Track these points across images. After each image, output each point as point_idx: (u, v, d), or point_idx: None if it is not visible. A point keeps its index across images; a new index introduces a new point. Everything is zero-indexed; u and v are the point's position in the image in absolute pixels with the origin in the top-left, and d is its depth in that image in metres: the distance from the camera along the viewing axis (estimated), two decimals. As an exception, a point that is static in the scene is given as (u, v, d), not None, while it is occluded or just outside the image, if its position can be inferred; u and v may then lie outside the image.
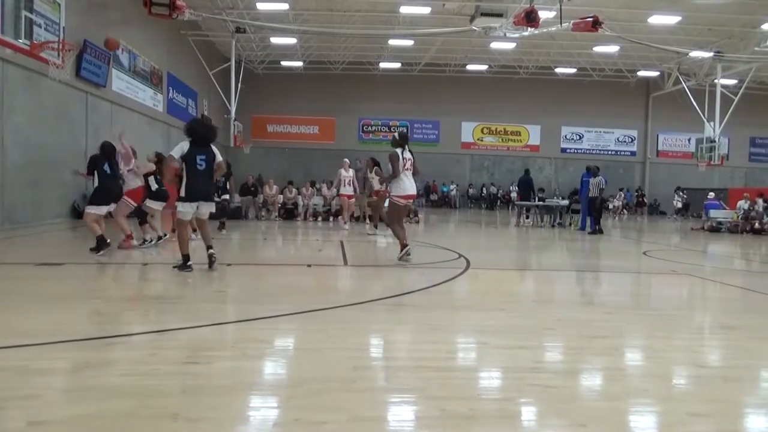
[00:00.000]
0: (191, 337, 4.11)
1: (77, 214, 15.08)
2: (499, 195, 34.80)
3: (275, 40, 28.43)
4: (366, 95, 34.72)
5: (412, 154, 8.31)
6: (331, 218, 17.86)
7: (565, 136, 36.59)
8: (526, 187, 19.15)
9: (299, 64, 32.87)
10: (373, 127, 35.69)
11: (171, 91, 23.84)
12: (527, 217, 19.57)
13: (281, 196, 18.62)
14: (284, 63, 32.93)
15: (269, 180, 19.09)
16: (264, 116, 34.56)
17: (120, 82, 18.28)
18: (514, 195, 30.43)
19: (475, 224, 19.69)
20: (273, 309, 5.02)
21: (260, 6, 22.95)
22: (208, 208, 7.15)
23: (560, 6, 17.32)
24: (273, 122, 35.09)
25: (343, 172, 15.17)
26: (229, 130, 25.16)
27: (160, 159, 9.22)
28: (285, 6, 23.07)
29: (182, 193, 6.99)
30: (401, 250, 8.04)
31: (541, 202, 18.96)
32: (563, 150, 36.57)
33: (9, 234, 10.12)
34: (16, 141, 12.44)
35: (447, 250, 10.10)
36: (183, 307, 5.14)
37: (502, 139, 36.35)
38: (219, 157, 7.15)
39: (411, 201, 8.44)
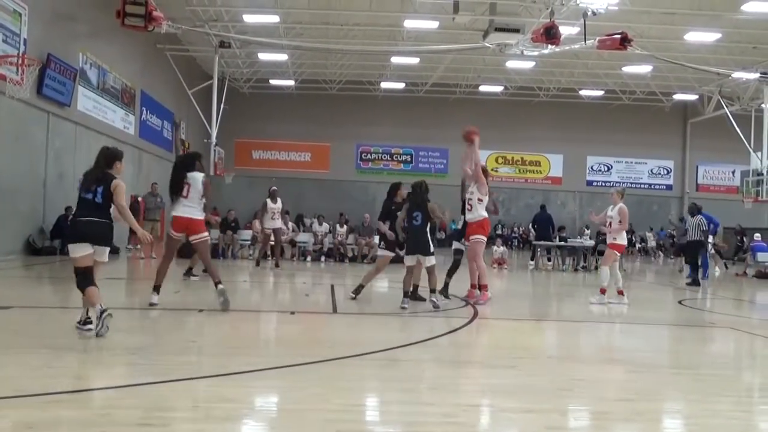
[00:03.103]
0: (151, 395, 4.09)
1: (32, 250, 15.13)
2: (516, 233, 34.84)
3: (263, 56, 28.92)
4: (365, 119, 35.09)
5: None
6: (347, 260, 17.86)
7: (592, 167, 36.84)
8: (545, 224, 19.20)
9: (290, 83, 33.35)
10: (373, 155, 35.97)
11: (144, 111, 24.17)
12: (549, 260, 19.55)
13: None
14: (273, 81, 33.43)
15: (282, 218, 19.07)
16: (249, 141, 34.89)
17: (86, 101, 18.55)
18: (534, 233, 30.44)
19: (486, 267, 19.66)
20: (247, 363, 5.00)
21: (247, 18, 23.44)
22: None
23: (584, 21, 17.67)
24: (259, 148, 35.40)
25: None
26: (209, 157, 25.37)
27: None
28: (275, 18, 23.56)
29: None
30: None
31: (563, 243, 18.97)
32: (589, 183, 36.75)
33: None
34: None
35: (452, 296, 10.07)
36: (145, 360, 5.12)
37: (520, 170, 36.59)
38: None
39: None
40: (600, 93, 33.84)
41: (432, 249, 8.65)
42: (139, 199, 17.70)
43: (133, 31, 16.63)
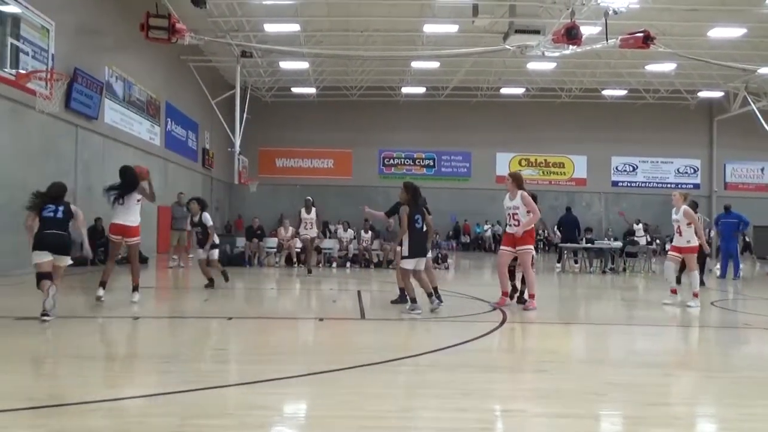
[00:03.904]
0: (184, 403, 4.12)
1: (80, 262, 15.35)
2: (541, 236, 34.54)
3: (285, 64, 29.15)
4: (387, 124, 35.17)
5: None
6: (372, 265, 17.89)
7: (617, 168, 36.46)
8: (571, 226, 19.03)
9: (312, 90, 33.55)
10: (396, 160, 36.02)
11: (169, 122, 24.48)
12: (575, 262, 19.37)
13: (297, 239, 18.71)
14: (295, 90, 33.66)
15: (285, 221, 19.20)
16: (272, 149, 35.18)
17: (113, 114, 18.85)
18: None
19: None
20: (277, 370, 5.02)
21: (268, 28, 23.65)
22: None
23: (606, 20, 17.53)
24: (282, 156, 35.66)
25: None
26: (233, 166, 25.62)
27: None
28: (296, 27, 23.73)
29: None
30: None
31: (589, 245, 18.77)
32: (614, 183, 36.37)
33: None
34: (-2, 180, 12.82)
35: (480, 300, 10.02)
36: (177, 367, 5.17)
37: (544, 172, 36.35)
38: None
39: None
40: (623, 92, 33.53)
41: None
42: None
43: (157, 43, 16.92)
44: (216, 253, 11.95)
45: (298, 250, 18.06)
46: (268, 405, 4.16)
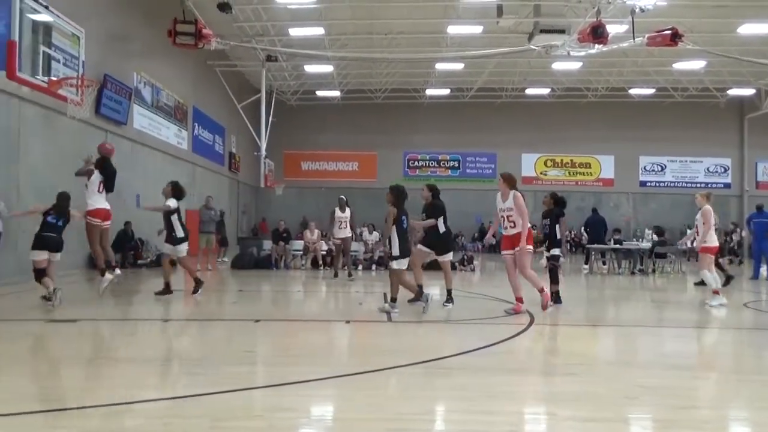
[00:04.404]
0: (214, 405, 4.16)
1: (93, 264, 15.60)
2: (568, 237, 34.23)
3: (309, 68, 29.33)
4: (411, 126, 35.17)
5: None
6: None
7: (645, 168, 35.97)
8: (598, 227, 18.83)
9: (336, 93, 33.71)
10: (420, 162, 36.00)
11: (196, 127, 24.78)
12: (604, 263, 19.14)
13: (323, 242, 18.79)
14: (320, 93, 33.84)
15: (310, 224, 19.28)
16: (297, 152, 35.39)
17: (142, 119, 19.14)
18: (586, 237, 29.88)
19: (539, 271, 19.41)
20: (305, 372, 5.03)
21: (293, 32, 23.82)
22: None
23: (632, 19, 17.31)
24: (307, 159, 35.87)
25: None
26: (259, 170, 25.82)
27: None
28: (320, 31, 23.86)
29: None
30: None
31: (618, 245, 18.53)
32: (642, 183, 35.88)
33: (21, 287, 10.58)
34: (31, 184, 13.10)
35: (506, 302, 9.94)
36: (206, 370, 5.22)
37: (570, 173, 36.02)
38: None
39: None
40: (651, 91, 33.11)
41: None
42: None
43: (184, 49, 17.14)
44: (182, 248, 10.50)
45: (324, 252, 18.12)
46: (296, 407, 4.19)
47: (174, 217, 10.23)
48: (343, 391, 4.63)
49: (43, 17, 9.38)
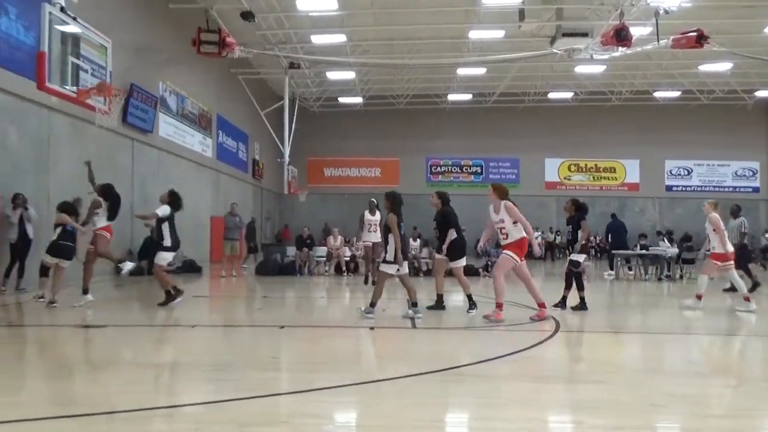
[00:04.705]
0: (240, 411, 4.20)
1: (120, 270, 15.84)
2: (593, 243, 33.85)
3: (332, 74, 29.49)
4: (434, 132, 35.14)
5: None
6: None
7: (670, 172, 35.52)
8: (620, 232, 18.67)
9: (358, 100, 33.82)
10: (443, 168, 35.95)
11: (221, 134, 25.05)
12: (629, 269, 18.90)
13: (347, 248, 18.85)
14: (342, 99, 34.00)
15: (333, 230, 19.34)
16: (320, 159, 35.57)
17: (167, 127, 19.41)
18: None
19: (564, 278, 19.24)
20: (330, 379, 5.06)
21: (315, 39, 23.98)
22: None
23: (656, 21, 17.11)
24: (330, 165, 36.02)
25: None
26: (283, 176, 25.99)
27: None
28: (342, 38, 23.99)
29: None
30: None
31: (644, 251, 18.28)
32: (668, 188, 35.43)
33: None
34: (61, 192, 13.33)
35: (532, 308, 9.88)
36: (231, 376, 5.27)
37: (594, 177, 35.70)
38: None
39: None
40: (676, 94, 32.68)
41: None
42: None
43: (208, 58, 17.35)
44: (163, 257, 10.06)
45: (347, 258, 18.17)
46: (321, 413, 4.20)
47: (164, 225, 9.81)
48: (368, 398, 4.64)
49: (72, 29, 9.55)
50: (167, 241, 9.76)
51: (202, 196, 22.75)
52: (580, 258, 10.01)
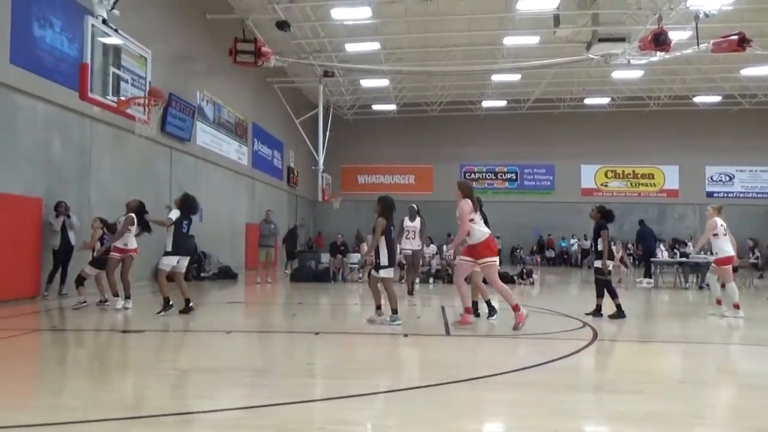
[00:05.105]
0: (276, 416, 4.23)
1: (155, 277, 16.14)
2: (630, 250, 33.26)
3: (366, 82, 29.65)
4: (468, 139, 35.03)
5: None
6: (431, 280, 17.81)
7: (711, 178, 34.74)
8: (651, 238, 18.38)
9: (392, 107, 33.93)
10: (477, 175, 35.77)
11: (256, 142, 25.37)
12: (650, 276, 18.58)
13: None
14: (376, 107, 34.14)
15: (366, 237, 19.40)
16: (354, 166, 35.74)
17: (204, 136, 19.74)
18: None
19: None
20: (365, 385, 5.06)
21: (349, 47, 24.15)
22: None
23: (696, 24, 16.79)
24: (364, 172, 36.16)
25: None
26: (317, 184, 26.18)
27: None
28: (376, 46, 24.12)
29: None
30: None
31: (684, 259, 17.90)
32: (709, 194, 34.61)
33: (93, 298, 11.03)
34: (101, 199, 13.69)
35: (568, 317, 9.75)
36: (268, 381, 5.32)
37: (632, 184, 35.12)
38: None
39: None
40: (717, 99, 31.99)
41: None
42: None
43: (245, 67, 17.60)
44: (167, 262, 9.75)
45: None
46: (356, 420, 4.21)
47: (170, 229, 9.63)
48: (403, 405, 4.63)
49: (113, 40, 9.81)
50: (169, 246, 9.60)
51: (238, 203, 23.06)
52: (599, 265, 9.94)
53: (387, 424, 4.33)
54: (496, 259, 8.54)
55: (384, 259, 8.77)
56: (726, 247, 10.30)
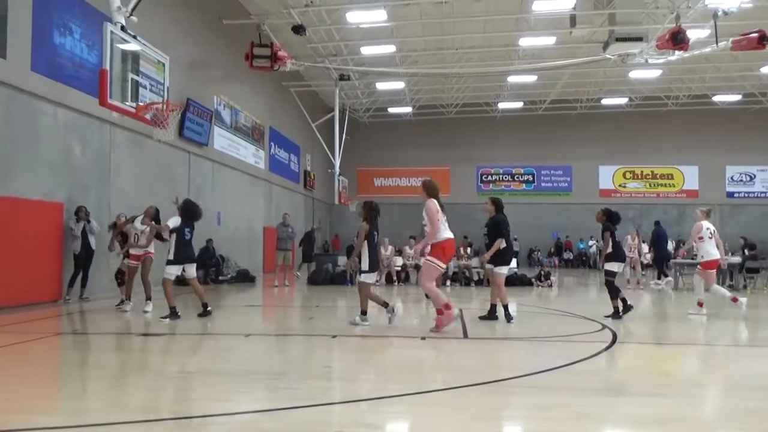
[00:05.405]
0: (294, 419, 4.23)
1: (178, 280, 16.23)
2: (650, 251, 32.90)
3: (381, 85, 29.68)
4: (484, 140, 34.94)
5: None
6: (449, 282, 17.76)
7: (731, 178, 34.31)
8: (660, 240, 18.22)
9: (408, 110, 33.93)
10: (494, 177, 35.66)
11: (273, 146, 25.49)
12: (666, 275, 18.37)
13: (399, 257, 18.84)
14: (391, 110, 34.16)
15: (383, 240, 19.34)
16: (370, 169, 35.78)
17: (221, 140, 19.87)
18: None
19: (620, 287, 18.78)
20: (382, 389, 5.05)
21: (365, 50, 24.19)
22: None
23: (715, 22, 16.60)
24: (380, 175, 36.18)
25: None
26: (334, 187, 26.23)
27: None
28: (392, 48, 24.14)
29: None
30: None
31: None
32: (730, 194, 34.21)
33: (113, 302, 11.14)
34: (121, 204, 13.80)
35: (587, 319, 9.66)
36: (286, 384, 5.32)
37: (650, 185, 34.78)
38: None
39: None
40: (737, 97, 31.63)
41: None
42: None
43: (261, 71, 17.71)
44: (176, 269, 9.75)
45: (398, 268, 18.15)
46: (374, 423, 4.19)
47: (172, 237, 9.54)
48: (422, 408, 4.60)
49: (131, 46, 9.90)
50: (171, 254, 9.49)
51: (256, 207, 23.17)
52: (613, 267, 10.02)
53: (404, 427, 4.31)
54: (442, 265, 8.38)
55: (365, 265, 8.81)
56: (712, 250, 10.41)
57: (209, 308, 9.75)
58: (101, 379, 5.59)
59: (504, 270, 9.57)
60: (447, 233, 8.41)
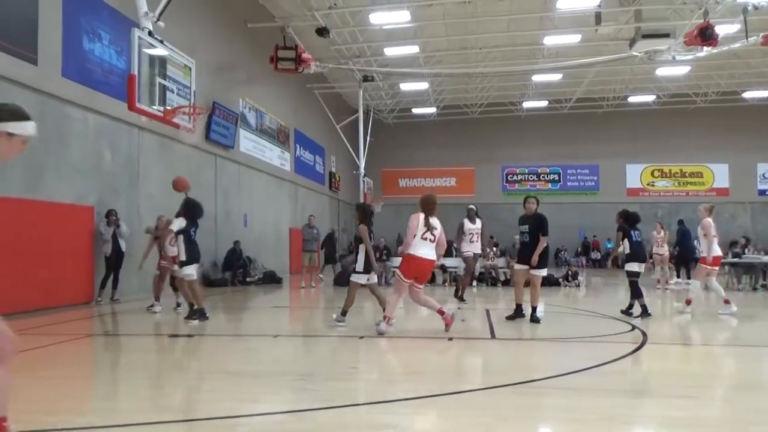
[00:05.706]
0: (320, 420, 4.24)
1: (206, 281, 16.45)
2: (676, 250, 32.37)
3: (405, 86, 29.67)
4: (509, 140, 34.72)
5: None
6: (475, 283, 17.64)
7: (764, 175, 33.60)
8: (684, 239, 17.96)
9: (432, 110, 33.87)
10: (519, 176, 35.41)
11: (298, 148, 25.64)
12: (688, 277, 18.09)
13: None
14: (415, 110, 34.12)
15: (380, 240, 19.38)
16: (395, 169, 35.77)
17: (247, 143, 20.04)
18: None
19: (649, 287, 18.48)
20: (409, 389, 5.04)
21: (388, 51, 24.20)
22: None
23: (745, 17, 16.30)
24: (405, 176, 36.16)
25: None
26: (359, 188, 26.30)
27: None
28: (415, 49, 24.11)
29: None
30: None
31: (737, 259, 17.34)
32: (762, 192, 33.51)
33: (143, 303, 11.30)
34: (149, 207, 14.00)
35: (616, 320, 9.55)
36: (313, 385, 5.34)
37: (679, 183, 34.23)
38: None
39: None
40: (767, 94, 30.93)
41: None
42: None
43: (286, 74, 17.84)
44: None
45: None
46: (400, 425, 4.18)
47: (180, 238, 9.34)
48: (448, 410, 4.58)
49: (159, 51, 10.04)
50: (183, 255, 9.32)
51: (282, 209, 23.32)
52: (633, 267, 9.97)
53: (432, 428, 4.30)
54: (405, 279, 8.30)
55: (359, 265, 8.89)
56: (716, 247, 10.46)
57: (195, 307, 9.34)
58: (132, 380, 5.68)
59: (543, 272, 9.41)
60: (420, 250, 8.12)
